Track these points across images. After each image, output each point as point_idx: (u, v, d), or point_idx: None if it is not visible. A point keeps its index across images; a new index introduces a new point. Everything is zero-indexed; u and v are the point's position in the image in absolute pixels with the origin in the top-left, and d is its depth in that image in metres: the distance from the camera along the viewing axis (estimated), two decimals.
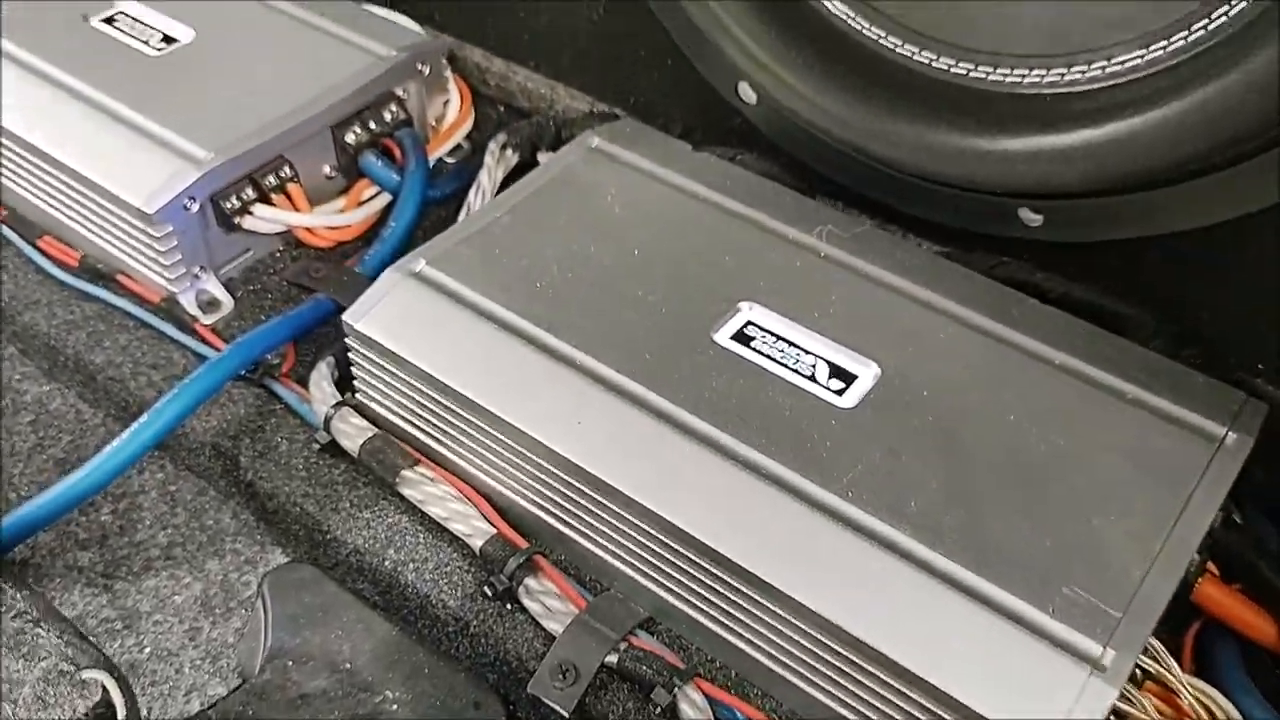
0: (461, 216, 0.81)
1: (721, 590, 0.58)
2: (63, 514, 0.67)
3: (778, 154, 0.79)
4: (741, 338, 0.65)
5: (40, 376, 0.80)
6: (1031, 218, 0.70)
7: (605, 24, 0.86)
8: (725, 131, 0.82)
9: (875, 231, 0.72)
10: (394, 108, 0.84)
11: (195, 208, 0.74)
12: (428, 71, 0.86)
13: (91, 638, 0.64)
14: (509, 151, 0.83)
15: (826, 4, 0.73)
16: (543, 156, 0.84)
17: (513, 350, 0.64)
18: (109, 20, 0.87)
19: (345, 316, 0.66)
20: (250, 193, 0.77)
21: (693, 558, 0.58)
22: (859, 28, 0.73)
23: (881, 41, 0.72)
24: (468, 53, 0.95)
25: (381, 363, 0.66)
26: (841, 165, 0.75)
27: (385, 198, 0.84)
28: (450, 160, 0.90)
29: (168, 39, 0.85)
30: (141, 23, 0.87)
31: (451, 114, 0.90)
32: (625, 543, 0.61)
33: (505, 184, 0.83)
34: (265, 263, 0.82)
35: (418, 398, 0.66)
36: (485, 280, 0.67)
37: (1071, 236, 0.69)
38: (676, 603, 0.61)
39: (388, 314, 0.66)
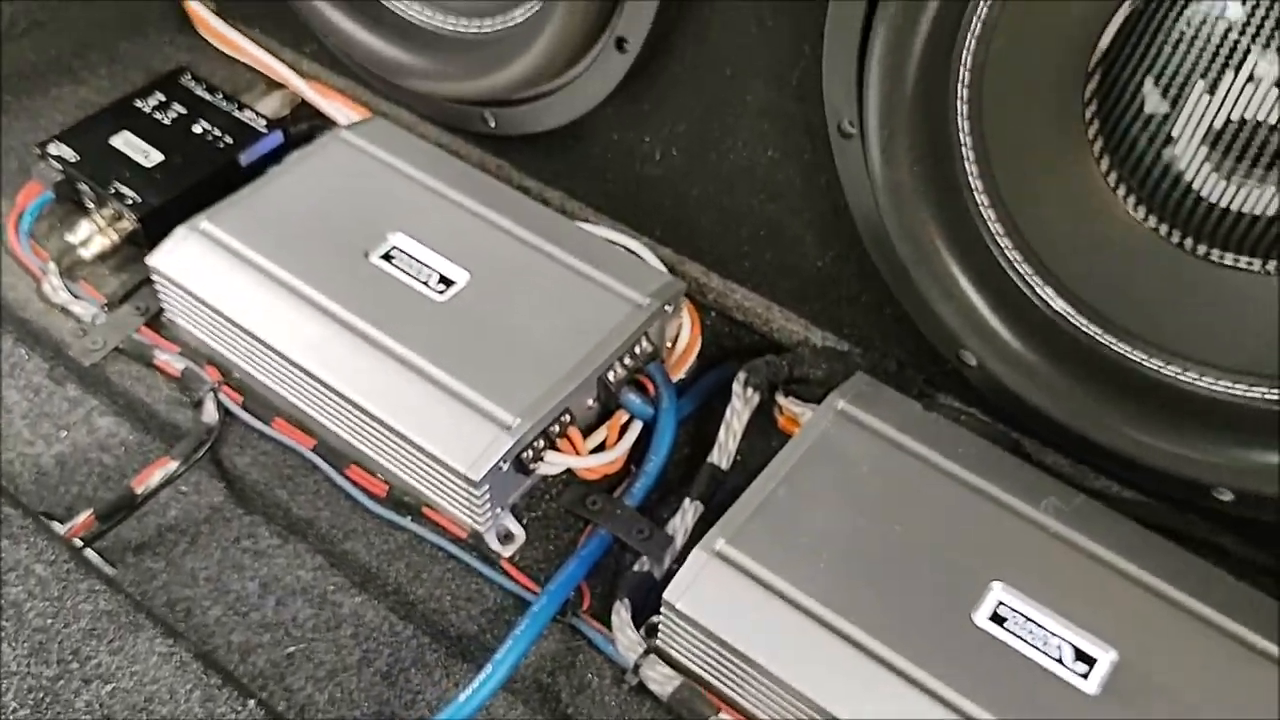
0: (714, 455, 0.94)
1: None
2: None
3: (994, 410, 0.91)
4: (997, 618, 0.78)
5: (351, 588, 0.93)
6: (1224, 494, 0.83)
7: (828, 269, 0.98)
8: (942, 374, 0.94)
9: (1091, 504, 0.85)
10: (644, 343, 0.96)
11: (505, 467, 0.87)
12: (671, 310, 0.98)
13: None
14: (750, 391, 0.96)
15: (1050, 301, 0.85)
16: (781, 398, 0.96)
17: (807, 631, 0.78)
18: (387, 256, 0.99)
19: (666, 595, 0.80)
20: (541, 443, 0.90)
21: None
22: (1078, 324, 0.85)
23: (1098, 338, 0.84)
24: (688, 267, 1.07)
25: (693, 633, 0.80)
26: (1057, 435, 0.88)
27: (638, 424, 0.97)
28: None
29: (445, 280, 0.97)
30: (419, 261, 0.98)
31: (684, 336, 1.02)
32: None
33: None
34: (539, 488, 0.95)
35: (724, 664, 0.80)
36: (776, 560, 0.80)
37: (1258, 514, 0.82)
38: None
39: (701, 595, 0.80)
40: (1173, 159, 0.77)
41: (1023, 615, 0.78)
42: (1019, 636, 0.77)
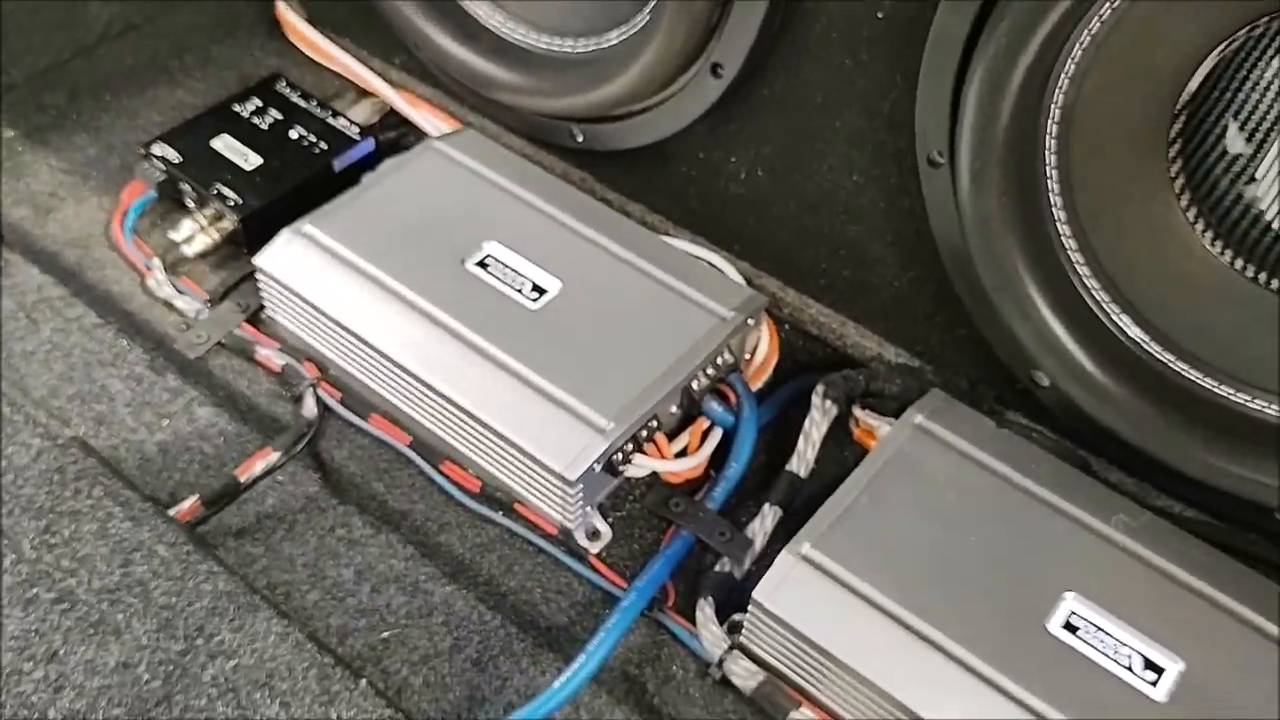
0: (793, 463, 0.98)
1: None
2: None
3: (1063, 428, 0.96)
4: (1070, 627, 0.82)
5: (442, 578, 0.97)
6: None
7: (905, 289, 1.02)
8: (1012, 393, 0.99)
9: (1159, 521, 0.89)
10: (726, 355, 1.01)
11: (599, 468, 0.92)
12: (753, 323, 1.02)
13: None
14: (828, 403, 1.00)
15: (1126, 329, 0.89)
16: (858, 410, 1.01)
17: (889, 632, 0.82)
18: (482, 264, 1.03)
19: (755, 594, 0.84)
20: (630, 446, 0.94)
21: None
22: (1152, 352, 0.89)
23: (1171, 365, 0.89)
24: (765, 281, 1.11)
25: (779, 631, 0.84)
26: (1126, 454, 0.92)
27: (718, 431, 1.01)
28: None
29: (538, 288, 1.01)
30: (512, 269, 1.03)
31: (762, 349, 1.06)
32: None
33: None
34: (624, 488, 1.00)
35: (807, 661, 0.84)
36: (860, 565, 0.85)
37: None
38: None
39: (788, 595, 0.84)
40: (1254, 198, 0.82)
41: (1094, 625, 0.82)
42: (1091, 645, 0.82)
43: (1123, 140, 0.83)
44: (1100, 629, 0.82)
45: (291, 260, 1.04)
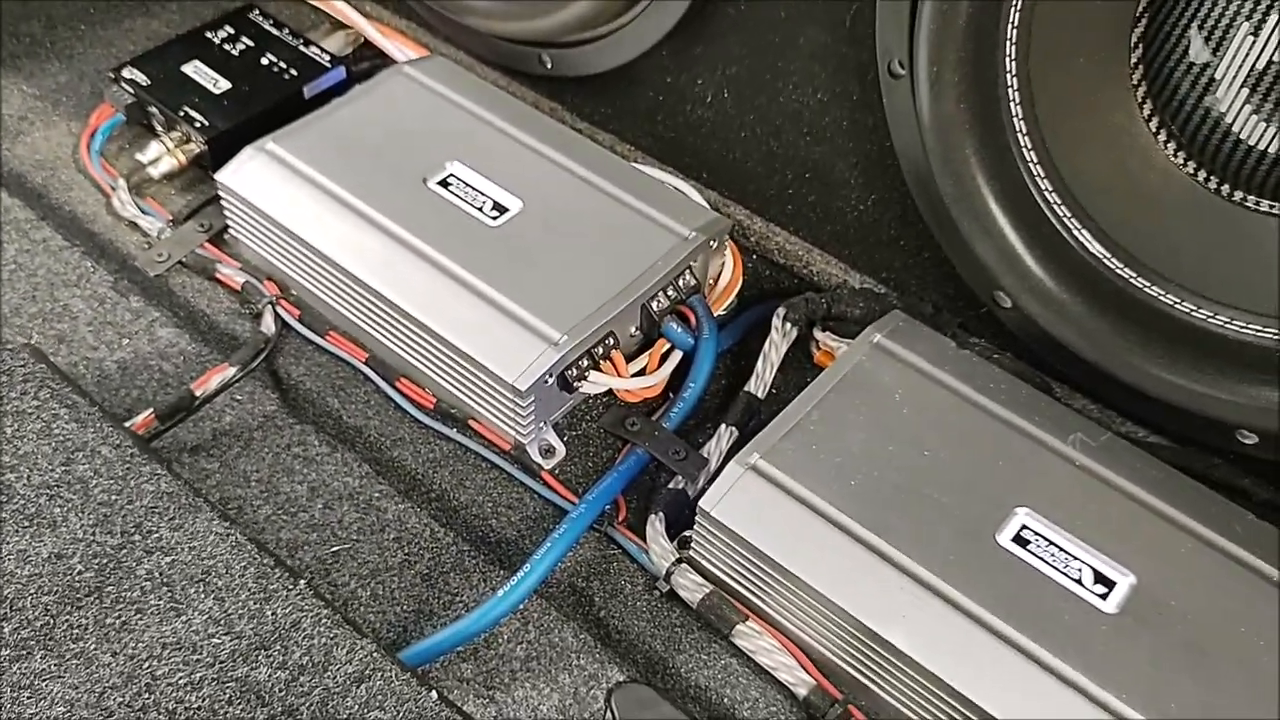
0: (751, 384, 0.97)
1: None
2: (462, 645, 0.84)
3: (1026, 352, 0.94)
4: (1020, 540, 0.81)
5: (396, 496, 0.96)
6: (1248, 436, 0.85)
7: (870, 213, 1.00)
8: (976, 318, 0.97)
9: (1117, 441, 0.87)
10: (687, 276, 0.99)
11: (550, 381, 0.91)
12: (715, 245, 1.01)
13: None
14: (788, 325, 0.99)
15: (1087, 244, 0.87)
16: (819, 333, 0.99)
17: (835, 541, 0.81)
18: (444, 183, 1.02)
19: (701, 502, 0.83)
20: (585, 362, 0.93)
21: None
22: (1113, 267, 0.87)
23: (1132, 280, 0.87)
24: (732, 209, 1.10)
25: (725, 540, 0.83)
26: (1087, 375, 0.90)
27: (678, 354, 1.00)
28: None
29: (499, 207, 1.01)
30: (473, 189, 1.02)
31: (726, 274, 1.05)
32: (922, 699, 0.78)
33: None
34: (581, 409, 0.99)
35: (753, 571, 0.83)
36: (809, 476, 0.83)
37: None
38: None
39: (735, 504, 0.83)
40: (1214, 103, 0.80)
41: (1045, 539, 0.81)
42: (1040, 558, 0.80)
43: (1083, 45, 0.81)
44: (1051, 542, 0.81)
45: (253, 176, 1.03)
